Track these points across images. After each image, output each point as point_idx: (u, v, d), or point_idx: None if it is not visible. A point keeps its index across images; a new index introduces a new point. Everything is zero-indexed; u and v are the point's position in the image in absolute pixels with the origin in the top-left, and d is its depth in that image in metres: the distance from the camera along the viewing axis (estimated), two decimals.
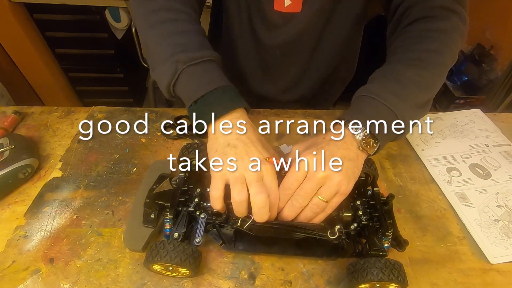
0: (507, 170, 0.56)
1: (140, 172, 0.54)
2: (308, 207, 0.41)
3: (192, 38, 0.48)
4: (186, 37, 0.48)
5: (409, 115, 0.44)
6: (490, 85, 1.35)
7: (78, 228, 0.46)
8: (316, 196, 0.40)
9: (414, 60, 0.46)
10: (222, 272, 0.43)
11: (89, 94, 1.64)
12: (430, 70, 0.45)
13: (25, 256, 0.43)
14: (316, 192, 0.40)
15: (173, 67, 0.45)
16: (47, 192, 0.51)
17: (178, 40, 0.47)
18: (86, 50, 1.44)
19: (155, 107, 0.95)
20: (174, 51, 0.46)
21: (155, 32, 0.48)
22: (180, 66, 0.45)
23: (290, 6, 0.57)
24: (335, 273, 0.43)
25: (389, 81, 0.45)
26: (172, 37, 0.47)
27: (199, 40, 0.49)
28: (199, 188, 0.45)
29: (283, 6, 0.57)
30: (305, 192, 0.40)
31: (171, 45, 0.47)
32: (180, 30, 0.48)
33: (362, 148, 0.42)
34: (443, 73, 0.47)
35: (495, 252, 0.45)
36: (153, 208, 0.45)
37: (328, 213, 0.42)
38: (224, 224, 0.43)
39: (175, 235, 0.40)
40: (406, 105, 0.43)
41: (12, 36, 1.28)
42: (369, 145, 0.42)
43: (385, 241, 0.40)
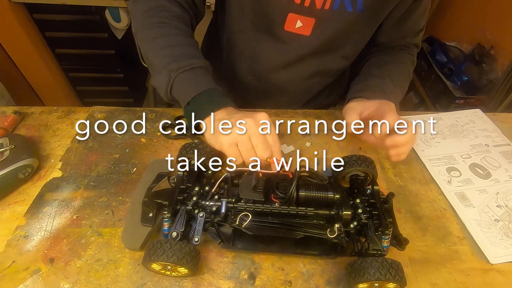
0: (507, 170, 0.56)
1: (140, 172, 0.54)
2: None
3: (182, 50, 0.56)
4: (177, 49, 0.55)
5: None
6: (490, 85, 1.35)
7: (78, 228, 0.46)
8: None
9: (404, 77, 0.66)
10: (222, 272, 0.42)
11: (89, 94, 1.64)
12: (406, 83, 0.67)
13: (25, 256, 0.43)
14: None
15: (167, 75, 0.53)
16: (47, 192, 0.51)
17: (170, 52, 0.55)
18: (86, 50, 1.44)
19: (155, 107, 0.95)
20: (166, 61, 0.54)
21: (151, 46, 0.56)
22: (173, 74, 0.52)
23: (301, 28, 0.60)
24: (335, 273, 0.43)
25: (393, 86, 0.61)
26: (165, 50, 0.55)
27: (188, 51, 0.56)
28: (198, 186, 0.45)
29: (294, 27, 0.60)
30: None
31: (164, 57, 0.54)
32: (172, 43, 0.56)
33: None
34: (408, 85, 0.67)
35: (495, 252, 0.45)
36: (151, 206, 0.45)
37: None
38: (223, 223, 0.43)
39: (174, 234, 0.40)
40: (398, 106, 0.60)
41: (12, 36, 1.28)
42: None
43: (385, 240, 0.40)
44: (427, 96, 1.57)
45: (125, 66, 1.54)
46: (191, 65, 0.53)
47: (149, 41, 0.57)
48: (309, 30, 0.60)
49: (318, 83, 0.74)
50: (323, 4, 0.56)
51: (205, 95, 0.52)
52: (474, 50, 1.44)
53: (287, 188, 0.43)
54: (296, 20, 0.59)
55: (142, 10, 0.58)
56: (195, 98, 0.52)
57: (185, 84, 0.53)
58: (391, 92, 0.60)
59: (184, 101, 0.53)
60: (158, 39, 0.56)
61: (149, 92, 1.38)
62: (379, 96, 0.58)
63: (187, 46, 0.57)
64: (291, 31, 0.61)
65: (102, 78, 1.55)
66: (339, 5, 0.56)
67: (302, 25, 0.60)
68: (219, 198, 0.44)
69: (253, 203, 0.43)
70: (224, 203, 0.43)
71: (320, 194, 0.43)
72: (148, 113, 0.64)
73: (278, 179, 0.44)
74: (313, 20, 0.59)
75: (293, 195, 0.42)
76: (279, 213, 0.43)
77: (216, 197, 0.44)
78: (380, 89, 0.60)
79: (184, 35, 0.58)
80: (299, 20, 0.59)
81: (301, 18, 0.58)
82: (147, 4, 0.58)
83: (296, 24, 0.60)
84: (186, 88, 0.53)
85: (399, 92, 0.62)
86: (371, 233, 0.41)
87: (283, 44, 0.63)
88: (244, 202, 0.43)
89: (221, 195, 0.45)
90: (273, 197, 0.43)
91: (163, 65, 0.54)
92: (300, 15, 0.58)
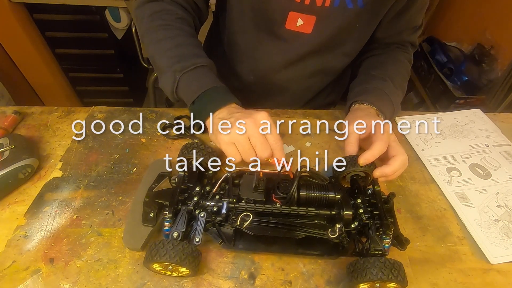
0: (507, 170, 0.56)
1: (140, 172, 0.54)
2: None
3: (186, 50, 0.56)
4: (181, 50, 0.56)
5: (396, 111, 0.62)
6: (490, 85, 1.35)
7: (78, 228, 0.46)
8: None
9: (403, 76, 0.66)
10: (222, 272, 0.42)
11: (89, 94, 1.64)
12: (405, 83, 0.66)
13: (25, 256, 0.43)
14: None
15: (172, 76, 0.54)
16: (47, 192, 0.51)
17: (174, 53, 0.56)
18: (86, 50, 1.44)
19: (155, 107, 0.95)
20: (171, 62, 0.55)
21: (156, 48, 0.58)
22: (178, 75, 0.54)
23: (302, 26, 0.60)
24: (335, 273, 0.43)
25: (394, 87, 0.61)
26: (169, 52, 0.56)
27: (191, 51, 0.57)
28: (199, 186, 0.45)
29: (295, 26, 0.60)
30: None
31: (168, 58, 0.56)
32: (176, 44, 0.57)
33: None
34: (406, 82, 0.67)
35: (495, 252, 0.45)
36: (152, 207, 0.45)
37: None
38: (224, 223, 0.43)
39: (175, 234, 0.40)
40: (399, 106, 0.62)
41: (12, 36, 1.28)
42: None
43: (386, 241, 0.40)
44: (427, 96, 1.57)
45: (125, 66, 1.54)
46: (195, 65, 0.54)
47: (154, 44, 0.58)
48: (310, 28, 0.60)
49: (319, 81, 0.74)
50: (324, 1, 0.56)
51: (209, 93, 0.53)
52: (474, 50, 1.44)
53: (288, 188, 0.43)
54: (297, 18, 0.59)
55: (147, 15, 0.60)
56: (199, 97, 0.52)
57: (189, 84, 0.54)
58: (393, 94, 0.60)
59: (189, 101, 0.54)
60: (163, 41, 0.57)
61: (149, 92, 1.38)
62: (381, 99, 0.58)
63: (190, 46, 0.58)
64: (292, 29, 0.61)
65: (102, 78, 1.55)
66: (339, 2, 0.56)
67: (303, 23, 0.60)
68: (220, 198, 0.44)
69: (254, 203, 0.43)
70: (225, 203, 0.43)
71: (321, 194, 0.43)
72: (148, 113, 0.64)
73: (279, 179, 0.44)
74: (314, 18, 0.59)
75: (294, 195, 0.42)
76: (280, 213, 0.43)
77: (217, 197, 0.44)
78: (382, 92, 0.59)
79: (187, 36, 0.59)
80: (300, 18, 0.59)
81: (302, 16, 0.58)
82: (151, 9, 0.60)
83: (297, 22, 0.60)
84: (190, 88, 0.54)
85: (400, 93, 0.62)
86: (372, 233, 0.41)
87: (285, 42, 0.63)
88: (245, 202, 0.43)
89: (222, 195, 0.45)
90: (274, 197, 0.43)
91: (167, 66, 0.55)
92: (301, 13, 0.58)
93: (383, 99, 0.59)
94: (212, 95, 0.53)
